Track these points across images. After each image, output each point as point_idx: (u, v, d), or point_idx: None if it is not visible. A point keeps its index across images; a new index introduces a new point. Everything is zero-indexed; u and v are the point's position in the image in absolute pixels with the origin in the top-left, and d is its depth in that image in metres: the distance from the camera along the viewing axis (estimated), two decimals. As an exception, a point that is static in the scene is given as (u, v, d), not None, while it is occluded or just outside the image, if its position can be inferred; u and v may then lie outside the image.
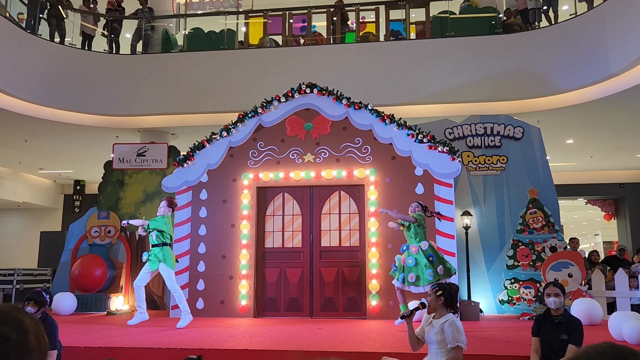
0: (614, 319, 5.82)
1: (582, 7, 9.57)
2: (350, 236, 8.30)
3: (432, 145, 7.96)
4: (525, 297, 8.25)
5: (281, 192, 8.55)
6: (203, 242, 8.41)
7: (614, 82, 8.81)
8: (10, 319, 0.99)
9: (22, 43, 9.57)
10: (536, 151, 9.19)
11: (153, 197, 10.10)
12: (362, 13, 10.98)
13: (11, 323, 0.99)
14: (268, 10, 10.94)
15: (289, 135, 8.51)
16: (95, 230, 9.94)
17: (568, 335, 3.72)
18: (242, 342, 5.61)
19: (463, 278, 8.50)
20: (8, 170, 14.77)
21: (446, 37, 10.08)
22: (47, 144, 12.10)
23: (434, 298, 3.81)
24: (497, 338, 5.87)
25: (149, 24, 11.21)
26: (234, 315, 8.06)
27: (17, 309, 1.03)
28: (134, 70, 10.62)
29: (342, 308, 8.11)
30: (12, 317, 1.00)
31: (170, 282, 6.84)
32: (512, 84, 9.57)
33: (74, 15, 11.03)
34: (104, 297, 9.15)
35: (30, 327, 1.00)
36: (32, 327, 1.01)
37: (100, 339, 5.72)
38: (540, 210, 8.60)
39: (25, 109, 9.79)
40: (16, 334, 0.98)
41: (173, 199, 7.31)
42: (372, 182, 8.19)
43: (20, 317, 1.01)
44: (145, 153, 10.28)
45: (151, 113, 10.53)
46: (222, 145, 8.54)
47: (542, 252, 8.33)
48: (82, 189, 16.55)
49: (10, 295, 10.01)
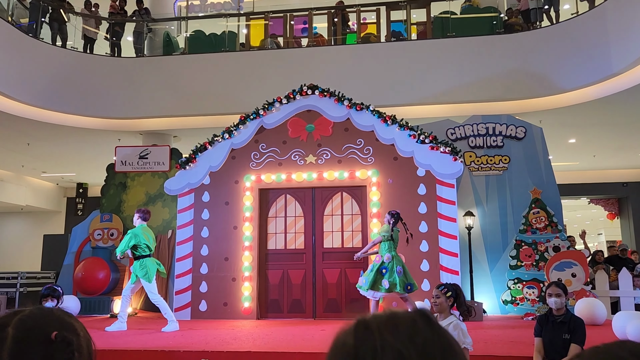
0: (617, 319, 5.80)
1: (583, 6, 9.55)
2: (352, 237, 8.29)
3: (434, 145, 7.95)
4: (528, 297, 8.22)
5: (283, 193, 8.55)
6: (206, 244, 8.42)
7: (617, 81, 8.79)
8: (68, 324, 1.04)
9: (24, 47, 9.60)
10: (538, 151, 9.17)
11: (155, 200, 10.11)
12: (363, 14, 10.98)
13: (69, 327, 1.03)
14: (269, 12, 10.96)
15: (291, 136, 8.51)
16: (98, 233, 9.96)
17: (570, 335, 3.71)
18: (245, 344, 5.61)
19: (466, 278, 8.48)
20: (11, 174, 14.81)
21: (447, 38, 10.07)
22: (49, 147, 12.14)
23: (443, 299, 3.74)
24: (500, 338, 5.86)
25: (146, 26, 11.25)
26: (237, 317, 8.06)
27: (68, 315, 1.08)
28: (136, 73, 10.64)
29: (345, 309, 8.10)
30: (68, 323, 1.04)
31: (151, 295, 6.80)
32: (514, 83, 9.55)
33: (75, 19, 11.06)
34: (107, 299, 9.15)
35: (81, 332, 1.05)
36: (83, 332, 1.06)
37: (103, 342, 5.72)
38: (543, 210, 8.58)
39: (28, 112, 9.82)
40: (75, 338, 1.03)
41: (146, 210, 7.17)
42: (374, 183, 8.18)
43: (72, 322, 1.05)
44: (147, 155, 10.29)
45: (153, 115, 10.56)
46: (224, 147, 8.55)
47: (545, 252, 8.30)
48: (85, 192, 16.59)
49: (13, 299, 10.03)
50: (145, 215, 7.08)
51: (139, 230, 6.88)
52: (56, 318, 1.03)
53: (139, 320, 8.29)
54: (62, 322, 1.03)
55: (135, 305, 9.63)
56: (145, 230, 6.95)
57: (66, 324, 1.03)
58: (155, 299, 6.80)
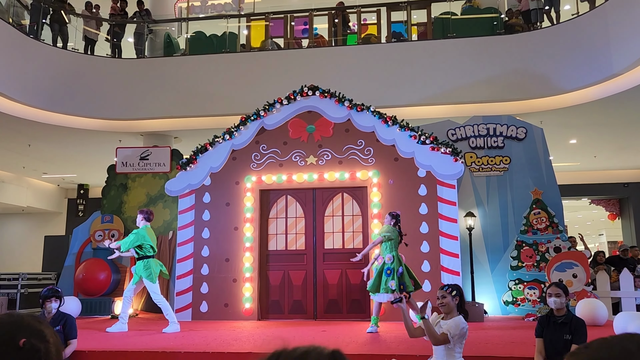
0: (619, 320, 5.78)
1: (584, 6, 9.55)
2: (353, 238, 8.29)
3: (434, 146, 7.95)
4: (529, 298, 8.22)
5: (284, 194, 8.55)
6: (206, 245, 8.42)
7: (617, 81, 8.78)
8: (36, 330, 1.03)
9: (25, 48, 9.61)
10: (539, 151, 9.16)
11: (156, 201, 10.12)
12: (363, 15, 10.98)
13: (38, 335, 1.03)
14: (270, 13, 10.96)
15: (292, 137, 8.52)
16: (99, 234, 9.97)
17: (572, 336, 3.70)
18: (246, 345, 5.61)
19: (467, 279, 8.48)
20: (12, 175, 14.82)
21: (448, 38, 10.07)
22: (50, 149, 12.15)
23: (449, 299, 3.73)
24: (501, 339, 5.85)
25: (147, 27, 11.27)
26: (238, 318, 8.06)
27: (38, 320, 1.07)
28: (137, 74, 10.66)
29: (346, 310, 8.10)
30: (37, 329, 1.04)
31: (154, 295, 6.82)
32: (515, 84, 9.55)
33: (76, 20, 11.08)
34: (108, 300, 9.16)
35: (50, 338, 1.05)
36: (53, 338, 1.06)
37: (104, 343, 5.73)
38: (544, 210, 8.58)
39: (29, 113, 9.83)
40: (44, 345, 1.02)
41: (149, 211, 7.18)
42: (375, 183, 8.18)
43: (42, 329, 1.05)
44: (148, 157, 10.30)
45: (154, 117, 10.56)
46: (225, 149, 8.56)
47: (546, 253, 8.30)
48: (86, 193, 16.60)
49: (15, 300, 10.03)
50: (149, 216, 7.09)
51: (144, 231, 6.89)
52: (25, 325, 1.02)
53: (140, 321, 8.29)
54: (31, 329, 1.02)
55: (136, 306, 9.64)
56: (148, 231, 6.97)
57: (35, 331, 1.02)
58: (158, 299, 6.81)
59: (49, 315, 4.52)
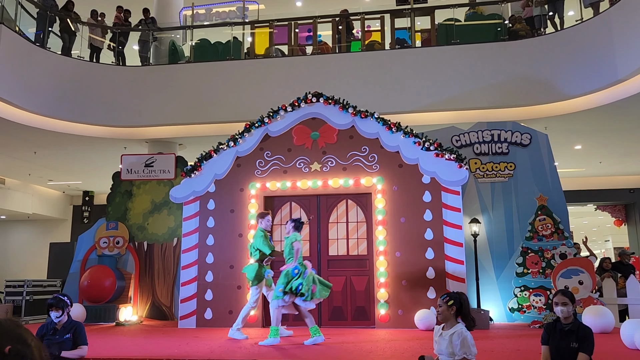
0: (626, 327, 5.72)
1: (588, 12, 9.54)
2: (358, 245, 8.27)
3: (439, 152, 7.94)
4: (535, 305, 8.17)
5: (288, 201, 8.55)
6: (211, 252, 8.42)
7: (622, 87, 8.76)
8: (18, 336, 1.05)
9: (31, 56, 9.68)
10: (544, 157, 9.14)
11: (161, 208, 10.14)
12: (367, 22, 11.01)
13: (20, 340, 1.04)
14: (274, 21, 11.02)
15: (296, 144, 8.53)
16: (104, 241, 9.99)
17: (578, 344, 3.67)
18: (251, 352, 5.59)
19: (472, 286, 8.44)
20: (18, 182, 14.90)
21: (452, 45, 10.08)
22: (56, 156, 12.21)
23: (445, 308, 3.74)
24: (507, 347, 5.82)
25: (152, 34, 11.34)
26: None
27: (17, 325, 1.10)
28: (142, 82, 10.71)
29: (350, 317, 8.07)
30: (18, 335, 1.05)
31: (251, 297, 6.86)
32: (519, 90, 9.54)
33: (81, 28, 11.16)
34: (113, 307, 9.16)
35: (32, 342, 1.07)
36: (34, 342, 1.08)
37: (109, 350, 5.73)
38: (549, 216, 8.54)
39: (34, 121, 9.89)
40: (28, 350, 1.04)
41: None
42: (379, 190, 8.17)
43: (21, 333, 1.07)
44: (153, 164, 10.33)
45: (159, 124, 10.61)
46: (229, 155, 8.57)
47: (552, 259, 8.26)
48: (91, 199, 16.67)
49: (20, 307, 10.05)
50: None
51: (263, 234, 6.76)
52: (6, 331, 1.04)
53: (145, 329, 8.29)
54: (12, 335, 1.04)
55: (141, 313, 9.64)
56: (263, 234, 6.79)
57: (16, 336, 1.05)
58: (251, 303, 6.87)
59: (59, 324, 4.53)
